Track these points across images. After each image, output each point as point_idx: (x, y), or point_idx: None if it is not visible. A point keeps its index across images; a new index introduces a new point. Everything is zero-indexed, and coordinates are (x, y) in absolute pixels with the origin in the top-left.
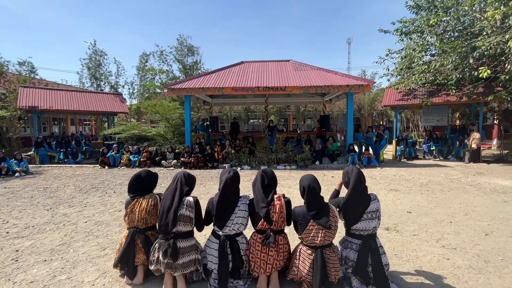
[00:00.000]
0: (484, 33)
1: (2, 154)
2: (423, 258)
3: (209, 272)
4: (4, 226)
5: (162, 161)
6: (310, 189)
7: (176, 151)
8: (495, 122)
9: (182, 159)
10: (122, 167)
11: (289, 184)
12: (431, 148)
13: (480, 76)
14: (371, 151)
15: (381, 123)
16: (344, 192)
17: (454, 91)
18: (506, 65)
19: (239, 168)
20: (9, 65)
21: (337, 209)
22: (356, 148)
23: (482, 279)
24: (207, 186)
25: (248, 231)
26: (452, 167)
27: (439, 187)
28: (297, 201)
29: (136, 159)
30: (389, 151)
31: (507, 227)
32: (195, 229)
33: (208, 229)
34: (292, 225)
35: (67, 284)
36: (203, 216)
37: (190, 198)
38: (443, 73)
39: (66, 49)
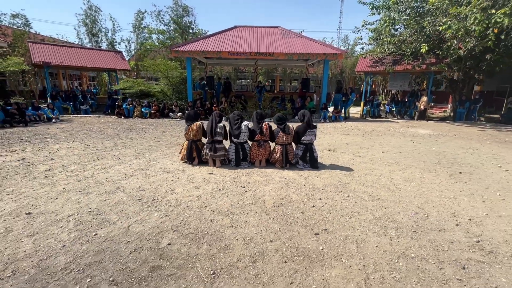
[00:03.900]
0: (434, 14)
1: (38, 103)
2: (341, 160)
3: (231, 160)
4: (90, 146)
5: (170, 114)
6: (280, 120)
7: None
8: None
9: (186, 112)
10: (136, 118)
11: None
12: (392, 109)
13: (421, 51)
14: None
15: (354, 86)
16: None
17: (410, 61)
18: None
19: None
20: (4, 18)
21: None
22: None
23: (364, 165)
24: None
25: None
26: (397, 123)
27: (376, 133)
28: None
29: (147, 111)
30: (359, 111)
31: (397, 150)
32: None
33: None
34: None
35: (159, 164)
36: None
37: (221, 124)
38: (404, 44)
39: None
